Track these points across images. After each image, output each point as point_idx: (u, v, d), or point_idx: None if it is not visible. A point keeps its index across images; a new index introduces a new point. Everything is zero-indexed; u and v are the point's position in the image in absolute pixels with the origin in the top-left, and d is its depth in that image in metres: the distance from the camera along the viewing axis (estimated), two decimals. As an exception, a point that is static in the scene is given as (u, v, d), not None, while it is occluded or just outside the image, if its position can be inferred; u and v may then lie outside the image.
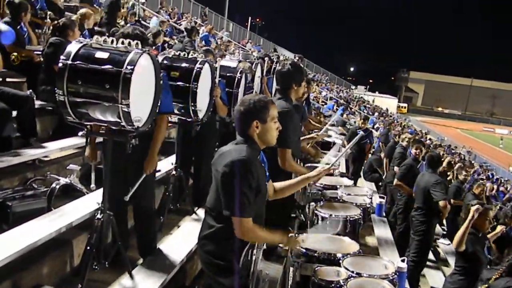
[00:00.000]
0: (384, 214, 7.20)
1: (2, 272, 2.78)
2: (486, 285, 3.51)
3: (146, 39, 3.47)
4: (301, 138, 4.35)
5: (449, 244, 7.63)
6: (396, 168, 8.21)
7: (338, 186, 4.31)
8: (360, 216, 3.54)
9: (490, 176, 23.42)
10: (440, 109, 79.17)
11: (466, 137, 49.34)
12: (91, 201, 3.67)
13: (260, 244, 2.65)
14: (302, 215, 4.49)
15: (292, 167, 3.79)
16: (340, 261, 2.82)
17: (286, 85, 3.97)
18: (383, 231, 6.25)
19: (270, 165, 3.31)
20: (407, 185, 6.84)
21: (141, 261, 3.65)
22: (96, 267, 3.18)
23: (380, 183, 9.60)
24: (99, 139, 3.54)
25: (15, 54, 5.19)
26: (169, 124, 4.50)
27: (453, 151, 29.46)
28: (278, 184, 2.87)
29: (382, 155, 10.65)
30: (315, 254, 2.87)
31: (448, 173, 9.97)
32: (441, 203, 5.82)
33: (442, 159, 10.71)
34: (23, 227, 3.17)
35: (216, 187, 2.50)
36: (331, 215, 3.48)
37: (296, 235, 2.76)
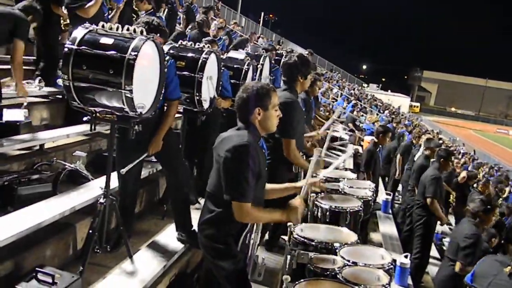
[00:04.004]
0: (390, 211, 7.16)
1: (6, 251, 2.85)
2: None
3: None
4: (304, 135, 4.35)
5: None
6: None
7: (340, 179, 4.30)
8: (361, 208, 3.53)
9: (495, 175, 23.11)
10: (453, 109, 78.23)
11: (478, 138, 48.73)
12: (95, 187, 3.74)
13: (258, 229, 2.68)
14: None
15: (296, 158, 3.80)
16: (337, 250, 2.84)
17: (292, 77, 3.98)
18: (388, 228, 6.24)
19: (272, 156, 3.33)
20: None
21: (143, 246, 3.71)
22: (98, 250, 3.24)
23: (387, 179, 9.56)
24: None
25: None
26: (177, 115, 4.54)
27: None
28: (267, 185, 2.85)
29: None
30: (313, 243, 2.89)
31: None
32: (428, 200, 5.80)
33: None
34: (28, 209, 3.23)
35: (217, 172, 2.53)
36: (331, 206, 3.48)
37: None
